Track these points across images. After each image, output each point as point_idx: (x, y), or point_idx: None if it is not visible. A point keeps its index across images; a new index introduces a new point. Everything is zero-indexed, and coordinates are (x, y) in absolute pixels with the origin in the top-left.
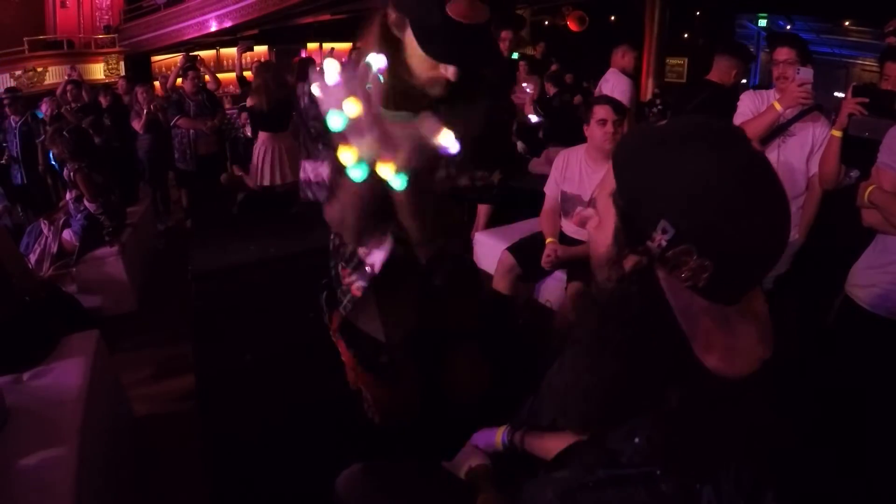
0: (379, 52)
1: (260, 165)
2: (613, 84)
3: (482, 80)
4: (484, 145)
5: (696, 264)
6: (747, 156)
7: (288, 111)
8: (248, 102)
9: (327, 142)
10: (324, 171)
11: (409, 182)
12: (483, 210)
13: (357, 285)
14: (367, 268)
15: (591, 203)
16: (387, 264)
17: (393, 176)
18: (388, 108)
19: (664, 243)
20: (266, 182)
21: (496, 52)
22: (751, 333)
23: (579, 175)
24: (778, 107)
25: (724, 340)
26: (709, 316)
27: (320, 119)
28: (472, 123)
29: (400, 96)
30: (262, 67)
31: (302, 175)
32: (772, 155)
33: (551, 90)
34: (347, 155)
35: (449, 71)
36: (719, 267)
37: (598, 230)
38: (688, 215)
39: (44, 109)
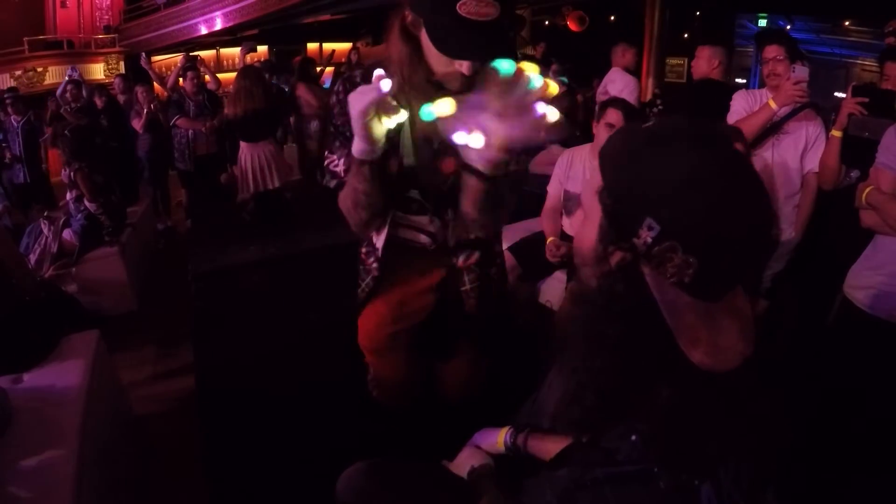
0: (401, 49)
1: (246, 175)
2: (623, 85)
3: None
4: None
5: (680, 261)
6: (727, 155)
7: (267, 120)
8: (225, 110)
9: (347, 139)
10: (341, 164)
11: (493, 167)
12: None
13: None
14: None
15: None
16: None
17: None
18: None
19: (650, 240)
20: (256, 190)
21: (510, 47)
22: (733, 330)
23: (583, 174)
24: (773, 105)
25: (708, 336)
26: (693, 312)
27: (345, 115)
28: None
29: (421, 91)
30: (241, 74)
31: (326, 162)
32: (766, 154)
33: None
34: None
35: (464, 66)
36: (704, 264)
37: (583, 227)
38: (672, 213)
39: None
